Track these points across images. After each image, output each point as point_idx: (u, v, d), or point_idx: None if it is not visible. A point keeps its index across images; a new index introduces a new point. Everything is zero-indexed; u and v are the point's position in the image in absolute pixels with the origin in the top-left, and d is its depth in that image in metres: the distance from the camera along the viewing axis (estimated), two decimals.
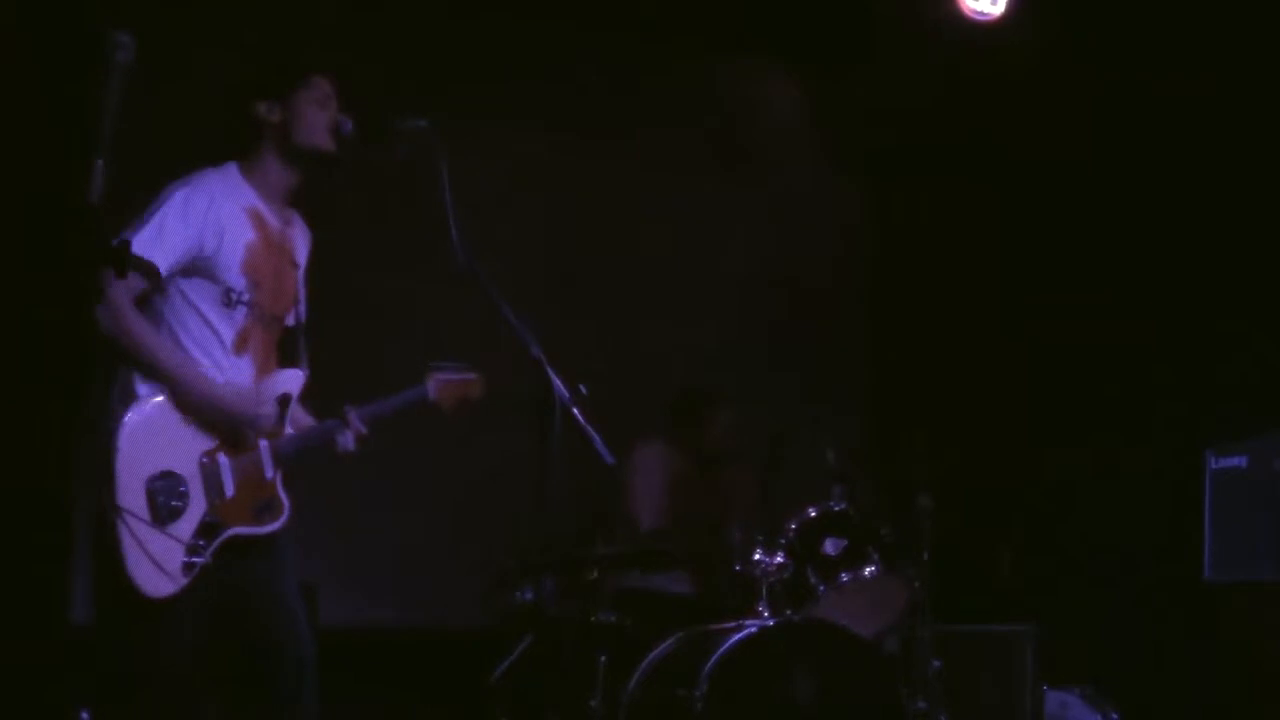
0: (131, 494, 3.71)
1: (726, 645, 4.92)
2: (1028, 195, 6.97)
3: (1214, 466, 5.52)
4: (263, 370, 4.04)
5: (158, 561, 3.72)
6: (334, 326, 6.07)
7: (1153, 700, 6.04)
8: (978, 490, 6.61)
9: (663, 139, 7.04)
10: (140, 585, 3.71)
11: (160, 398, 3.82)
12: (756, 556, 5.28)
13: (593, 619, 5.18)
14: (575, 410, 3.98)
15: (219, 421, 3.89)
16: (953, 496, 5.93)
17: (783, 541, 5.36)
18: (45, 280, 4.93)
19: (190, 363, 3.88)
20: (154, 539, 3.72)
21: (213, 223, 3.91)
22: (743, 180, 7.32)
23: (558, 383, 3.97)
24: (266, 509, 3.99)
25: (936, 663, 5.58)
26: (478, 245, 4.02)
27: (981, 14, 6.63)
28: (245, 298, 3.97)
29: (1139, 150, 6.51)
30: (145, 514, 3.72)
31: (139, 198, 4.05)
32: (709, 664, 4.85)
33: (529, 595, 5.08)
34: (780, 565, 5.28)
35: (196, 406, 3.85)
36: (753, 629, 5.03)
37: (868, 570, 5.42)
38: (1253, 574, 5.38)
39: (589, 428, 4.02)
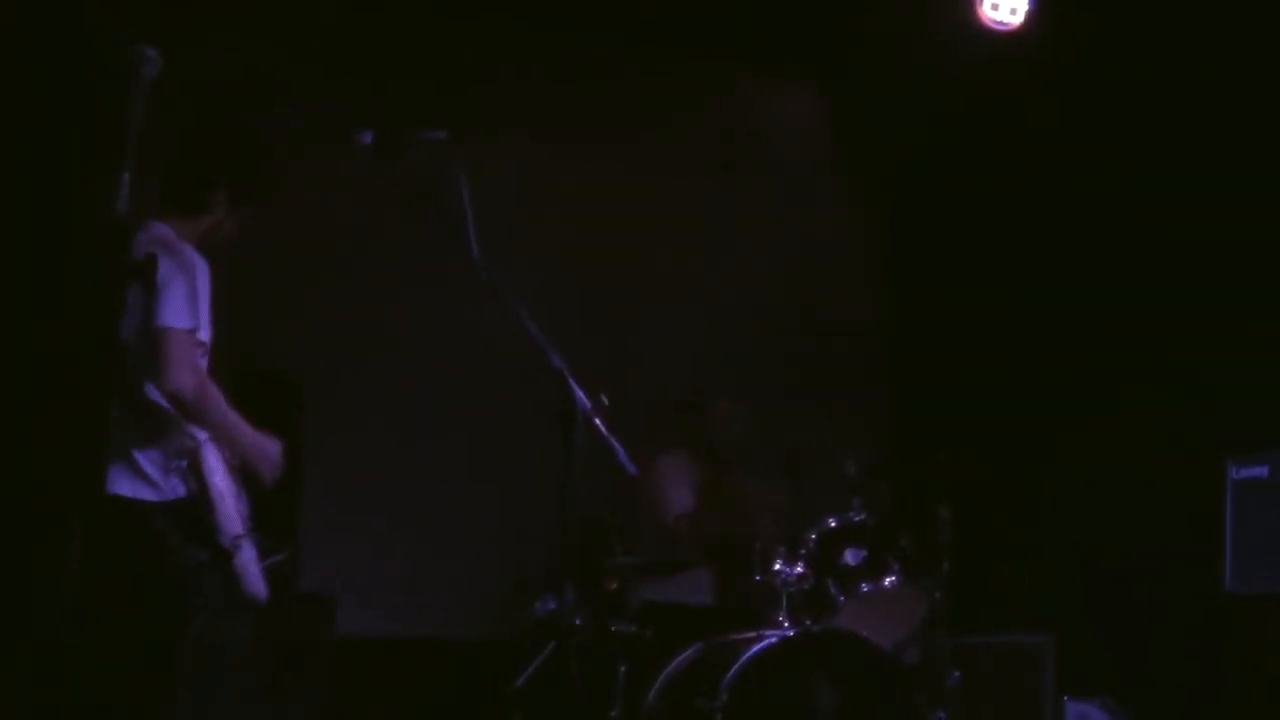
0: (236, 521, 4.18)
1: (746, 656, 4.93)
2: (1046, 203, 6.95)
3: (1235, 477, 5.51)
4: None
5: (256, 568, 4.22)
6: (357, 339, 6.15)
7: (1173, 711, 6.02)
8: (998, 500, 6.60)
9: (681, 147, 7.04)
10: (258, 594, 4.19)
11: (203, 440, 4.19)
12: (777, 567, 5.28)
13: (613, 629, 5.19)
14: (597, 420, 3.99)
15: (256, 468, 4.32)
16: (973, 507, 5.92)
17: (803, 552, 5.36)
18: (74, 290, 4.96)
19: (246, 425, 4.26)
20: (251, 550, 4.22)
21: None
22: (762, 191, 7.32)
23: (579, 393, 3.98)
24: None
25: (956, 674, 5.58)
26: (493, 253, 4.04)
27: (1001, 24, 6.62)
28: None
29: (1160, 160, 6.49)
30: (245, 533, 4.19)
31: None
32: (729, 674, 4.86)
33: (550, 605, 5.10)
34: (800, 576, 5.29)
35: (244, 458, 4.29)
36: (773, 639, 5.04)
37: (888, 581, 5.42)
38: (1274, 585, 5.36)
39: (611, 438, 4.04)
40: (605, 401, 4.04)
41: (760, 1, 7.04)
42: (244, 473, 4.35)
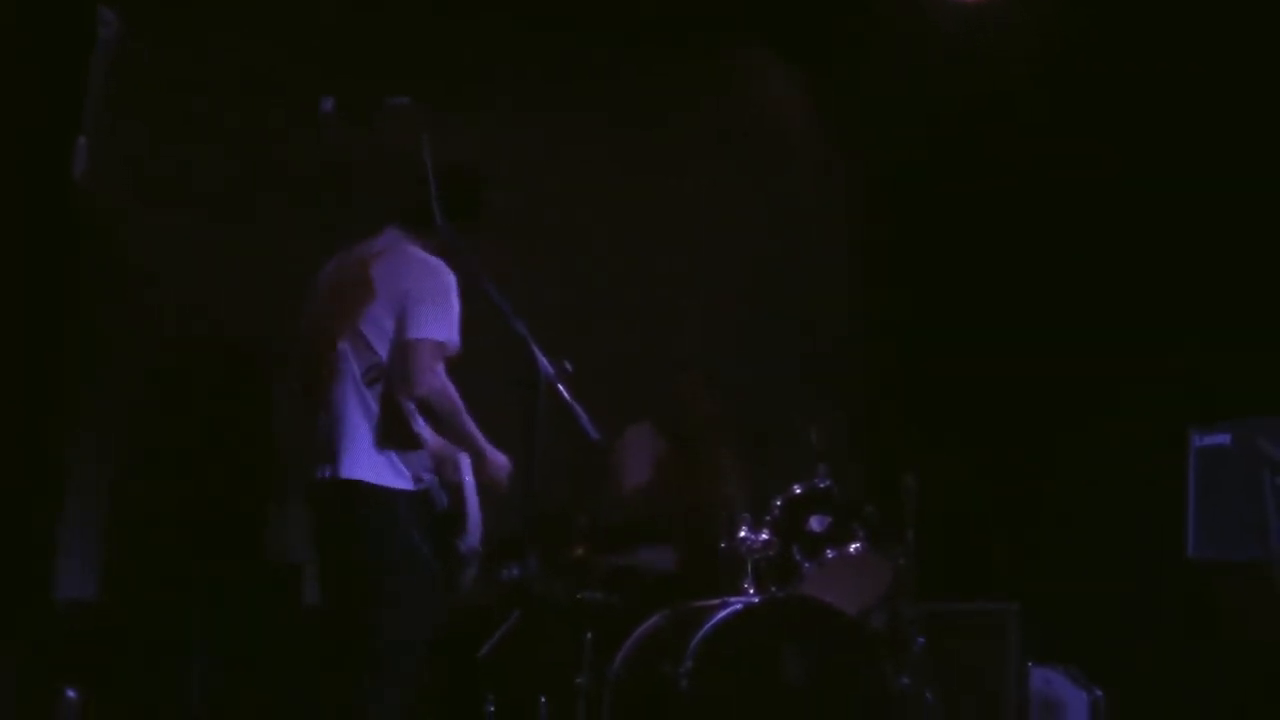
0: (478, 535, 4.38)
1: (712, 622, 4.93)
2: (1020, 183, 6.98)
3: (1198, 445, 5.55)
4: None
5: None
6: None
7: (1137, 678, 6.06)
8: (965, 469, 6.63)
9: (655, 127, 7.04)
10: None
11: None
12: (742, 534, 5.29)
13: (579, 596, 5.19)
14: (560, 386, 3.99)
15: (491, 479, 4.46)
16: (940, 476, 5.95)
17: (768, 519, 5.37)
18: (30, 258, 4.94)
19: (482, 436, 4.42)
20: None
21: None
22: (736, 168, 7.33)
23: (542, 359, 3.98)
24: None
25: (921, 640, 5.60)
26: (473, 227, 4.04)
27: None
28: None
29: (1131, 140, 6.53)
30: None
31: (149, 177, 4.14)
32: (694, 641, 4.86)
33: (515, 573, 5.09)
34: (766, 543, 5.30)
35: (479, 468, 4.41)
36: (738, 606, 5.05)
37: (853, 547, 5.43)
38: (1235, 552, 5.41)
39: (574, 404, 4.03)
40: (569, 367, 4.04)
41: None
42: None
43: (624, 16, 6.79)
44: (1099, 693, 5.99)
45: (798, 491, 5.45)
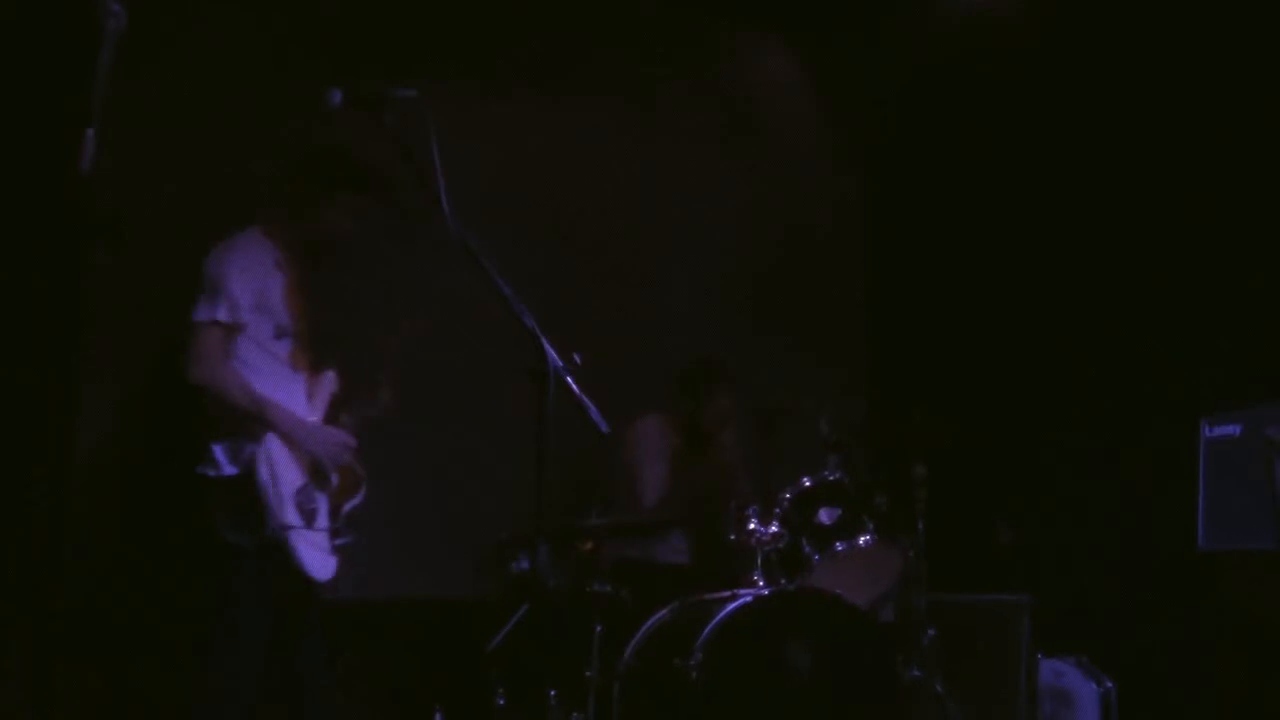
0: (289, 511, 4.59)
1: (722, 615, 4.92)
2: (1027, 161, 6.97)
3: (1208, 435, 5.52)
4: (311, 380, 4.95)
5: (320, 551, 4.70)
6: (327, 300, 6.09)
7: (1147, 669, 6.06)
8: (974, 460, 6.61)
9: (661, 106, 7.03)
10: (314, 575, 4.67)
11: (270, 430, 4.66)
12: (752, 526, 5.28)
13: (588, 589, 5.19)
14: (569, 379, 3.98)
15: (314, 457, 4.79)
16: (949, 466, 5.94)
17: (778, 511, 5.36)
18: (37, 251, 4.93)
19: (273, 404, 4.68)
20: (310, 536, 4.67)
21: (257, 276, 4.75)
22: (742, 149, 7.32)
23: (551, 352, 3.97)
24: (357, 481, 4.97)
25: (931, 631, 5.60)
26: (473, 215, 4.03)
27: None
28: (289, 329, 4.82)
29: (1144, 126, 6.51)
30: (300, 522, 4.61)
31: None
32: (704, 633, 4.86)
33: (524, 565, 5.09)
34: (775, 535, 5.29)
35: (299, 450, 4.75)
36: (748, 598, 5.04)
37: (862, 539, 5.43)
38: (1246, 543, 5.38)
39: (583, 397, 4.02)
40: (578, 360, 4.03)
41: None
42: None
43: (626, 11, 6.78)
44: (1109, 684, 5.99)
45: (807, 484, 5.45)
